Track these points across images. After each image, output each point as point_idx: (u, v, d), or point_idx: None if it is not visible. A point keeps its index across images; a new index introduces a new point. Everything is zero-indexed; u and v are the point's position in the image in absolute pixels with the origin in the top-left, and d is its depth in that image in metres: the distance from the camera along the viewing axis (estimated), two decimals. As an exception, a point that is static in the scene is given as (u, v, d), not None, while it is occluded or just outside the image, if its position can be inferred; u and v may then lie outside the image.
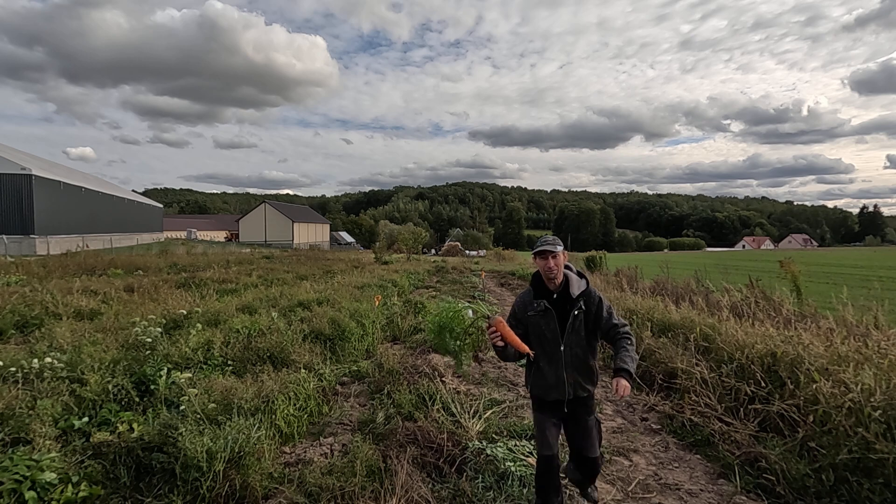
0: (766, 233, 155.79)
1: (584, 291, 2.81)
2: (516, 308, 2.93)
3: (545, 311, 2.79)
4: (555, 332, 2.79)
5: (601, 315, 2.81)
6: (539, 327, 2.82)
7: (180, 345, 5.54)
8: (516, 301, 2.97)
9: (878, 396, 3.38)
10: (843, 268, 27.41)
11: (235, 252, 31.74)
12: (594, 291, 2.86)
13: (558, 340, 2.78)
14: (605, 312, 2.82)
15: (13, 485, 2.69)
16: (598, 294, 2.85)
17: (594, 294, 2.84)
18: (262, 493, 3.22)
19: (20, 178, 28.52)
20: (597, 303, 2.82)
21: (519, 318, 2.89)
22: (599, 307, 2.82)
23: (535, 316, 2.82)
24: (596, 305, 2.81)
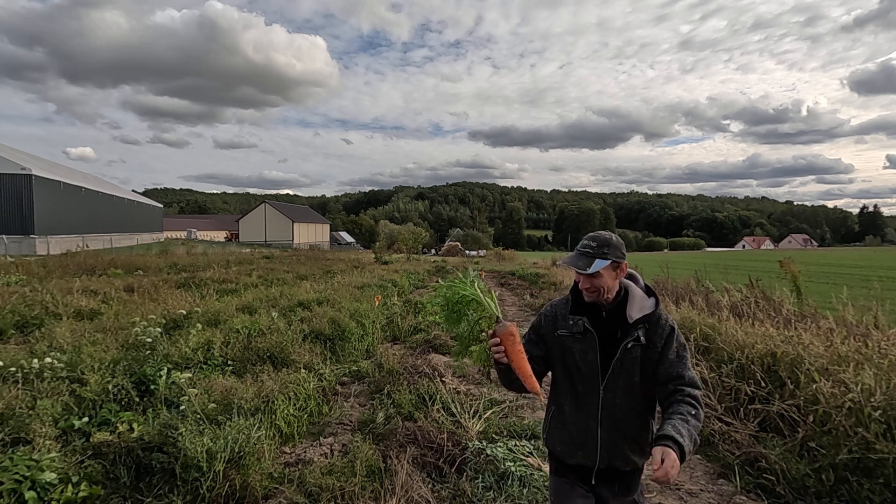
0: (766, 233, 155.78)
1: (648, 315, 1.88)
2: (542, 319, 2.07)
3: (584, 334, 1.92)
4: (593, 367, 1.91)
5: (667, 354, 1.87)
6: (571, 354, 1.95)
7: (180, 345, 5.54)
8: (545, 309, 2.10)
9: (878, 396, 3.38)
10: (843, 268, 27.40)
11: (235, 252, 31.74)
12: (665, 317, 1.91)
13: (596, 379, 1.90)
14: (672, 351, 1.87)
15: (13, 485, 2.69)
16: (670, 322, 1.90)
17: (665, 321, 1.90)
18: (262, 493, 3.22)
19: (20, 178, 28.52)
20: (665, 335, 1.88)
21: (542, 335, 2.05)
22: (668, 342, 1.87)
23: (568, 337, 1.96)
24: (664, 339, 1.87)
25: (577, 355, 1.94)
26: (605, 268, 1.84)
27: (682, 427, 1.68)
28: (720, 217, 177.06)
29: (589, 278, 1.86)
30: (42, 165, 32.90)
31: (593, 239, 1.89)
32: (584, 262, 1.84)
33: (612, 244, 1.86)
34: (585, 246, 1.89)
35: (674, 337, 1.87)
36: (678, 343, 1.88)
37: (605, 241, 1.87)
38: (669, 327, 1.88)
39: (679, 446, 1.61)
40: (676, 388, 1.82)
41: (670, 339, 1.86)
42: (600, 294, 1.88)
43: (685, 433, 1.65)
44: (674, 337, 1.87)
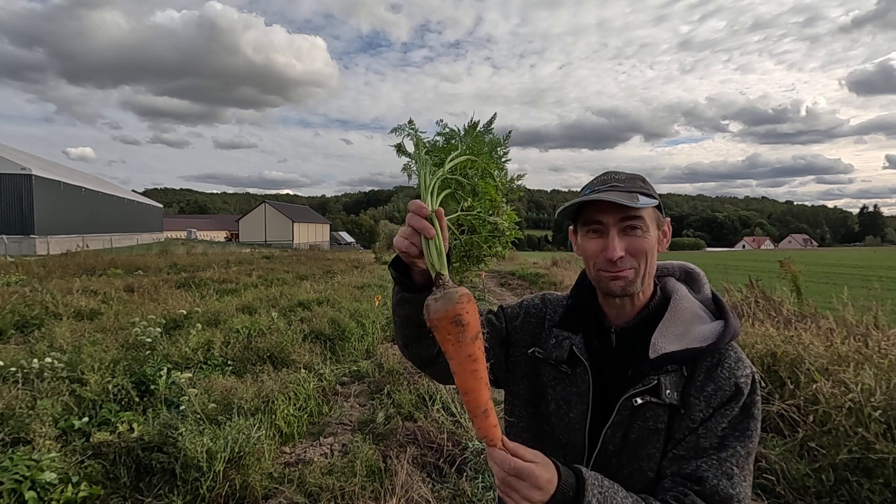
0: (766, 233, 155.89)
1: (695, 351, 1.02)
2: (522, 315, 1.24)
3: (571, 368, 1.11)
4: (575, 431, 1.10)
5: (708, 426, 0.99)
6: (542, 397, 1.17)
7: (180, 345, 5.54)
8: (532, 300, 1.28)
9: (879, 396, 3.38)
10: (843, 268, 27.41)
11: (235, 252, 31.75)
12: (734, 362, 1.02)
13: (579, 453, 1.10)
14: (718, 425, 0.99)
15: (13, 485, 2.69)
16: (744, 374, 1.01)
17: (730, 369, 1.01)
18: (262, 493, 3.22)
19: (20, 178, 28.52)
20: (723, 396, 0.99)
21: (509, 335, 1.23)
22: (722, 409, 0.99)
23: (545, 366, 1.16)
24: (716, 402, 1.00)
25: (551, 403, 1.12)
26: (650, 213, 1.04)
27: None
28: (720, 217, 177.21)
29: (626, 239, 1.01)
30: (42, 165, 32.91)
31: (613, 174, 1.09)
32: (625, 196, 0.99)
33: (646, 181, 1.09)
34: (607, 181, 1.06)
35: (736, 404, 0.98)
36: (740, 415, 0.98)
37: (635, 177, 1.08)
38: (734, 385, 0.98)
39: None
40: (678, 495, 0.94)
41: (728, 407, 0.98)
42: (638, 277, 1.03)
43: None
44: (736, 404, 0.98)
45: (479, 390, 0.89)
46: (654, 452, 1.02)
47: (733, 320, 1.04)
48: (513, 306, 1.30)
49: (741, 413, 0.99)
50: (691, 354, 1.02)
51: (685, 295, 1.11)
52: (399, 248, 0.95)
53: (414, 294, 1.01)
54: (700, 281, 1.17)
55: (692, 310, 1.08)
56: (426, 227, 0.90)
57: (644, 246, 1.03)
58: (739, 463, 0.96)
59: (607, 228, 1.03)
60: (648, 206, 1.02)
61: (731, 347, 1.04)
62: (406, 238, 0.94)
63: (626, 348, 1.09)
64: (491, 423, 0.89)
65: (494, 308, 1.30)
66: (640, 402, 1.02)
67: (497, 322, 1.24)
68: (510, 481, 0.86)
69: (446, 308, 0.85)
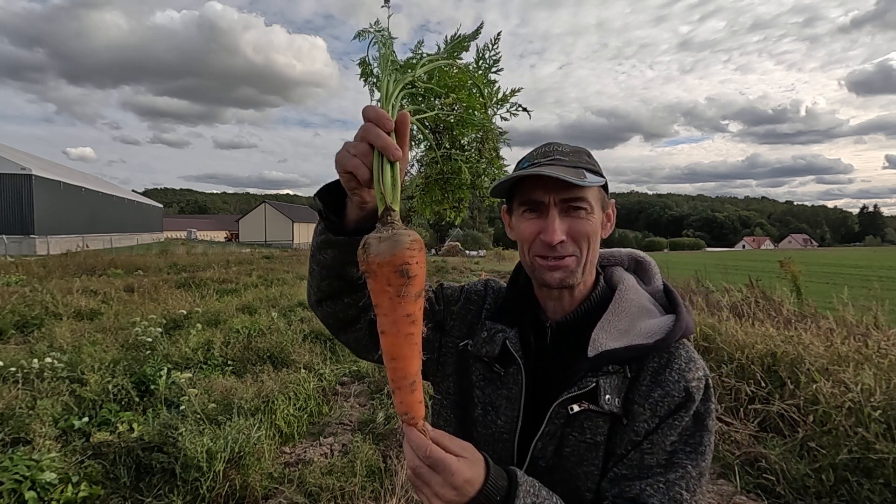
0: (766, 233, 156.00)
1: (640, 348, 0.87)
2: (462, 300, 1.08)
3: (503, 367, 0.96)
4: (505, 440, 0.95)
5: (654, 439, 0.85)
6: (469, 398, 1.01)
7: (180, 345, 5.55)
8: (471, 287, 1.12)
9: (878, 396, 3.38)
10: (843, 268, 27.42)
11: (235, 252, 31.76)
12: (684, 361, 0.88)
13: (511, 452, 0.94)
14: (667, 437, 0.84)
15: (13, 485, 2.69)
16: (695, 377, 0.86)
17: (680, 371, 0.87)
18: (262, 493, 3.22)
19: (20, 178, 28.52)
20: (672, 403, 0.85)
21: (445, 323, 1.07)
22: (672, 417, 0.85)
23: (474, 363, 1.01)
24: (663, 410, 0.85)
25: (477, 407, 0.98)
26: (595, 193, 0.92)
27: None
28: (720, 217, 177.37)
29: (568, 220, 0.89)
30: (42, 165, 32.92)
31: (555, 145, 0.96)
32: (570, 172, 0.87)
33: (591, 156, 0.97)
34: (548, 153, 0.94)
35: (686, 413, 0.85)
36: (692, 426, 0.85)
37: (580, 150, 0.96)
38: (684, 389, 0.85)
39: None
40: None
41: (677, 416, 0.85)
42: (580, 265, 0.91)
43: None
44: (686, 413, 0.85)
45: (412, 358, 0.73)
46: (593, 470, 0.87)
47: (686, 314, 0.91)
48: (454, 287, 1.13)
49: (693, 423, 0.85)
50: (636, 353, 0.88)
51: (632, 286, 0.98)
52: (343, 169, 0.74)
53: (343, 237, 0.84)
54: (650, 271, 1.05)
55: (639, 302, 0.95)
56: (389, 144, 0.69)
57: (587, 229, 0.90)
58: (690, 486, 0.82)
59: (547, 208, 0.90)
60: (595, 184, 0.89)
61: (681, 346, 0.90)
62: (356, 156, 0.72)
63: (563, 345, 0.95)
64: (416, 398, 0.75)
65: (433, 286, 1.10)
66: (577, 409, 0.87)
67: (436, 304, 1.07)
68: (422, 472, 0.71)
69: (392, 252, 0.67)
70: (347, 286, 0.89)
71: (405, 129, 0.73)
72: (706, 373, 0.90)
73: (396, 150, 0.70)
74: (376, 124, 0.70)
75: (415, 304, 0.71)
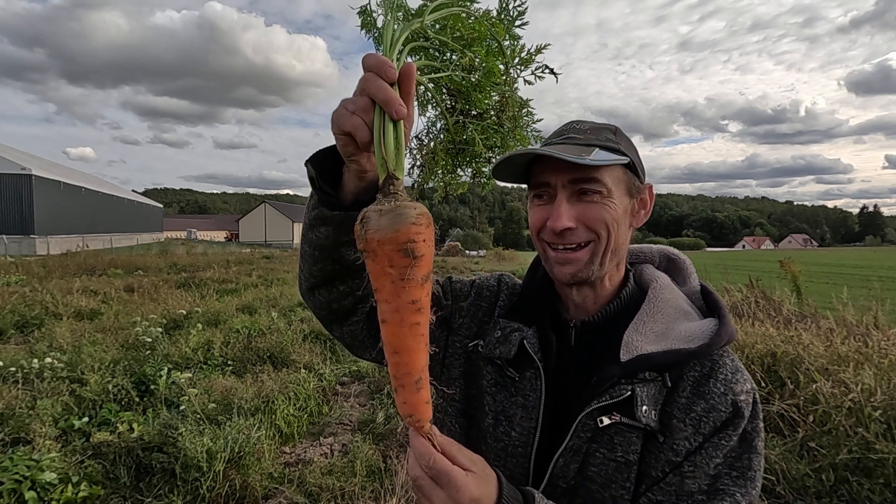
0: (766, 233, 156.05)
1: (678, 355, 0.77)
2: (472, 296, 0.99)
3: (518, 370, 0.86)
4: (520, 454, 0.83)
5: (697, 461, 0.73)
6: (479, 406, 0.90)
7: (180, 345, 5.55)
8: (482, 282, 1.03)
9: (878, 396, 3.38)
10: (843, 268, 27.43)
11: (235, 252, 31.77)
12: (730, 371, 0.77)
13: (526, 469, 0.83)
14: (713, 460, 0.73)
15: (13, 485, 2.69)
16: (743, 390, 0.75)
17: (726, 382, 0.76)
18: (262, 493, 3.22)
19: (20, 178, 28.53)
20: (718, 418, 0.74)
21: (453, 320, 0.97)
22: (718, 435, 0.74)
23: (485, 365, 0.90)
24: (709, 426, 0.74)
25: (488, 416, 0.88)
26: (616, 175, 0.81)
27: None
28: (720, 217, 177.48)
29: (579, 205, 0.79)
30: (42, 165, 32.92)
31: (574, 123, 0.87)
32: (575, 150, 0.77)
33: (619, 133, 0.86)
34: (563, 132, 0.86)
35: (734, 432, 0.74)
36: (739, 447, 0.74)
37: (602, 127, 0.86)
38: (732, 403, 0.74)
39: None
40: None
41: (723, 434, 0.74)
42: (595, 258, 0.81)
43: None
44: (734, 432, 0.74)
45: (417, 351, 0.62)
46: (623, 494, 0.75)
47: (724, 317, 0.81)
48: (464, 281, 1.02)
49: (740, 444, 0.73)
50: (676, 358, 0.76)
51: (667, 284, 0.86)
52: (340, 129, 0.63)
53: (338, 212, 0.72)
54: (686, 270, 0.92)
55: (676, 303, 0.84)
56: (392, 98, 0.59)
57: (602, 215, 0.78)
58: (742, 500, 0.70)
59: (555, 191, 0.81)
60: (604, 162, 0.75)
61: (726, 354, 0.79)
62: (355, 112, 0.61)
63: (589, 348, 0.84)
64: (422, 398, 0.64)
65: (441, 279, 1.02)
66: (608, 421, 0.75)
67: (443, 298, 0.97)
68: (423, 484, 0.62)
69: (395, 227, 0.57)
70: (343, 270, 0.78)
71: (410, 82, 0.62)
72: (753, 386, 0.78)
73: (401, 105, 0.59)
74: (378, 74, 0.59)
75: (421, 289, 0.60)
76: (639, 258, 0.97)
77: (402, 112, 0.59)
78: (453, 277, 1.03)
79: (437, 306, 0.92)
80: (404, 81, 0.61)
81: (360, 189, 0.72)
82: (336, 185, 0.74)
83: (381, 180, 0.60)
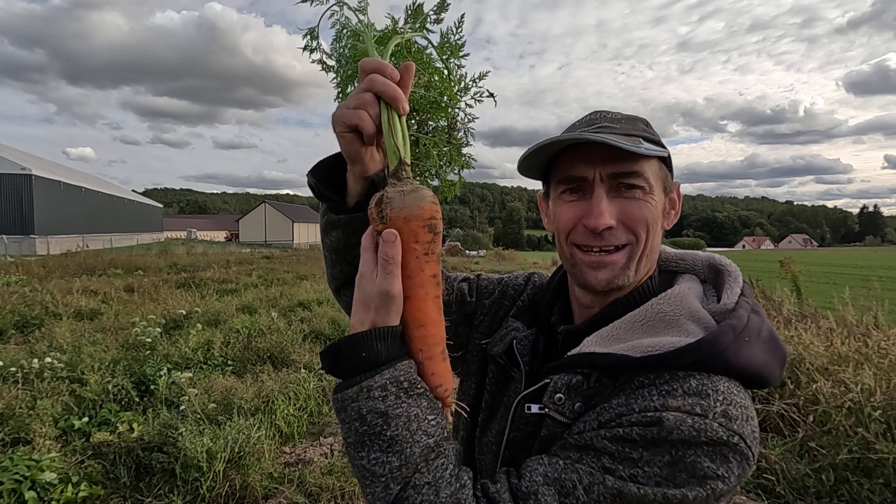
0: (766, 233, 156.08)
1: (631, 360, 0.66)
2: (497, 294, 1.00)
3: (513, 366, 0.85)
4: (496, 440, 0.83)
5: (593, 437, 0.62)
6: (481, 394, 0.93)
7: (180, 345, 5.55)
8: (510, 280, 1.02)
9: (879, 396, 3.38)
10: (843, 268, 27.42)
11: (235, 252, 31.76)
12: (694, 396, 0.61)
13: (494, 466, 0.82)
14: (610, 445, 0.60)
15: (13, 485, 2.69)
16: (708, 425, 0.58)
17: (681, 399, 0.60)
18: (262, 493, 3.22)
19: (20, 178, 28.52)
20: (635, 420, 0.60)
21: (474, 318, 0.99)
22: (626, 428, 0.60)
23: (490, 360, 0.92)
24: (620, 420, 0.62)
25: (484, 411, 0.90)
26: (654, 169, 0.74)
27: None
28: (720, 217, 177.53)
29: (620, 202, 0.72)
30: (42, 165, 32.92)
31: (603, 113, 0.79)
32: (622, 139, 0.68)
33: (650, 126, 0.79)
34: (594, 120, 0.77)
35: (647, 436, 0.59)
36: (651, 451, 0.58)
37: (635, 118, 0.79)
38: (654, 410, 0.61)
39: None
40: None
41: (631, 427, 0.60)
42: (633, 262, 0.74)
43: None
44: (647, 436, 0.59)
45: (440, 323, 0.65)
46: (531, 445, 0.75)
47: (728, 336, 0.64)
48: (491, 279, 1.03)
49: (650, 451, 0.58)
50: (615, 361, 0.67)
51: (679, 295, 0.73)
52: (347, 124, 0.64)
53: (345, 215, 0.75)
54: (729, 282, 0.76)
55: (674, 314, 0.70)
56: (400, 95, 0.62)
57: (646, 214, 0.71)
58: (596, 490, 0.58)
59: (592, 185, 0.71)
60: (654, 153, 0.70)
61: (699, 376, 0.62)
62: (361, 107, 0.63)
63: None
64: (448, 367, 0.66)
65: (471, 276, 1.07)
66: (535, 409, 0.73)
67: (468, 295, 1.00)
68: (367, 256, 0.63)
69: (420, 204, 0.61)
70: None
71: (410, 80, 0.65)
72: (729, 429, 0.58)
73: (406, 101, 0.63)
74: (381, 73, 0.63)
75: (438, 263, 0.65)
76: (679, 266, 0.84)
77: (407, 108, 0.63)
78: (482, 275, 1.05)
79: (462, 303, 0.98)
80: (406, 79, 0.65)
81: (363, 190, 0.74)
82: (341, 191, 0.76)
83: (394, 167, 0.63)
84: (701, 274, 0.82)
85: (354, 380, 0.60)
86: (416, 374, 0.62)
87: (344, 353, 0.61)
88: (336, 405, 0.62)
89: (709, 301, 0.76)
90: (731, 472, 0.58)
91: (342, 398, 0.61)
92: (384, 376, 0.60)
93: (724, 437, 0.58)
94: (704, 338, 0.64)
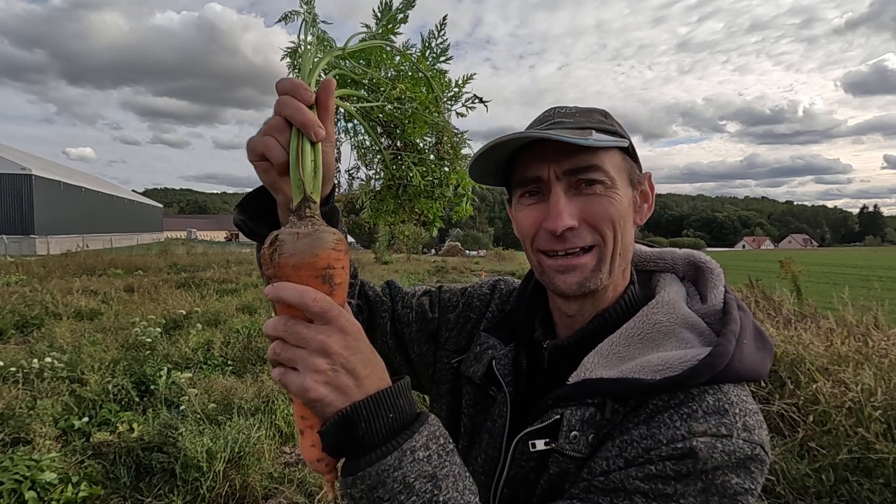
0: (766, 233, 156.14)
1: (647, 384, 0.62)
2: (461, 307, 0.93)
3: (493, 387, 0.79)
4: (487, 470, 0.75)
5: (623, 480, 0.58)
6: (457, 417, 0.85)
7: (180, 345, 5.55)
8: (474, 290, 0.95)
9: (879, 396, 3.38)
10: (843, 268, 27.44)
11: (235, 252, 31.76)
12: (714, 416, 0.59)
13: (489, 485, 0.74)
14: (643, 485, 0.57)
15: (13, 485, 2.69)
16: (739, 444, 0.57)
17: (703, 422, 0.58)
18: (262, 493, 3.22)
19: (20, 178, 28.53)
20: (665, 453, 0.58)
21: (440, 335, 0.93)
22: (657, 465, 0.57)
23: (465, 380, 0.84)
24: (649, 455, 0.58)
25: (463, 439, 0.83)
26: (616, 161, 0.70)
27: None
28: (720, 217, 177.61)
29: (580, 200, 0.68)
30: (42, 165, 32.93)
31: (558, 108, 0.76)
32: (571, 133, 0.65)
33: (610, 116, 0.76)
34: (547, 117, 0.74)
35: (680, 472, 0.57)
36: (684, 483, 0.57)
37: (592, 110, 0.76)
38: (683, 443, 0.57)
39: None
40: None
41: (656, 465, 0.58)
42: (603, 264, 0.69)
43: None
44: (680, 472, 0.57)
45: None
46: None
47: (733, 345, 0.62)
48: (454, 290, 0.95)
49: (683, 483, 0.56)
50: (628, 388, 0.63)
51: (669, 301, 0.71)
52: (255, 154, 0.59)
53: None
54: (712, 281, 0.75)
55: (668, 325, 0.68)
56: (309, 120, 0.56)
57: (608, 210, 0.67)
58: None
59: (549, 185, 0.68)
60: (609, 144, 0.66)
61: (715, 391, 0.61)
62: (269, 133, 0.58)
63: (561, 373, 0.71)
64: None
65: (433, 288, 0.98)
66: (541, 446, 0.67)
67: (430, 311, 0.93)
68: (297, 331, 0.51)
69: (314, 252, 0.52)
70: None
71: (328, 100, 0.58)
72: (752, 445, 0.57)
73: (319, 127, 0.56)
74: (293, 96, 0.56)
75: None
76: (658, 265, 0.81)
77: (321, 134, 0.56)
78: (444, 287, 0.97)
79: (423, 320, 0.92)
80: (323, 99, 0.58)
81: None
82: (274, 224, 0.67)
83: (297, 203, 0.56)
84: (680, 271, 0.80)
85: (389, 445, 0.51)
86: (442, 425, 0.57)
87: (363, 420, 0.51)
88: (367, 484, 0.51)
89: (692, 301, 0.75)
90: (757, 482, 0.58)
91: (378, 471, 0.50)
92: (423, 434, 0.53)
93: (749, 452, 0.57)
94: (714, 351, 0.62)
